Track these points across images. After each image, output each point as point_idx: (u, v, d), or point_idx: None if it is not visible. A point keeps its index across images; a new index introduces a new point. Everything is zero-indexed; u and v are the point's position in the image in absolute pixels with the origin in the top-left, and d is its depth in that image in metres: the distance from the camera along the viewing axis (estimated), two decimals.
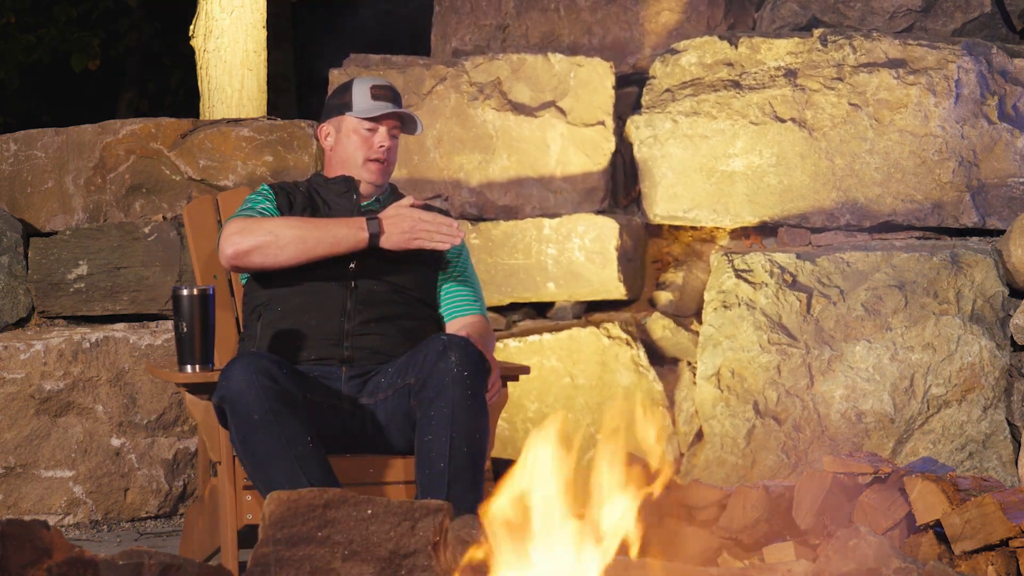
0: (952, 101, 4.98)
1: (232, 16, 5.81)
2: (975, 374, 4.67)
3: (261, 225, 3.64)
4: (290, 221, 3.66)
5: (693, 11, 5.42)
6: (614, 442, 2.86)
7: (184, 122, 5.09)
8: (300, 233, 3.62)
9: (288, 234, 3.62)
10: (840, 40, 5.03)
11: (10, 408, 4.67)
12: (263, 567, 2.61)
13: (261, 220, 3.67)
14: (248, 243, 3.62)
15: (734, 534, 3.70)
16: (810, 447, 4.67)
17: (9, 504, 4.67)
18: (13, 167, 5.06)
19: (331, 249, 3.63)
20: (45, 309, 4.92)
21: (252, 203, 3.78)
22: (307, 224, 3.65)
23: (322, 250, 3.63)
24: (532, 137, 5.04)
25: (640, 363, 4.92)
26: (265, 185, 3.86)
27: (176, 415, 4.77)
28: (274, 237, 3.61)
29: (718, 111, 5.04)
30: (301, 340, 3.68)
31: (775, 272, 4.74)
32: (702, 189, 5.03)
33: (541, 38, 5.46)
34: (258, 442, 3.39)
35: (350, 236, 3.62)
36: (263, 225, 3.64)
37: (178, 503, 4.79)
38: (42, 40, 9.25)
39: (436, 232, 3.61)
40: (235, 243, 3.63)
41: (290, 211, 3.78)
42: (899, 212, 4.99)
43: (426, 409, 3.45)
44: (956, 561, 3.40)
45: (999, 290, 4.73)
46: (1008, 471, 4.65)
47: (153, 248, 4.90)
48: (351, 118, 3.82)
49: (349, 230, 3.63)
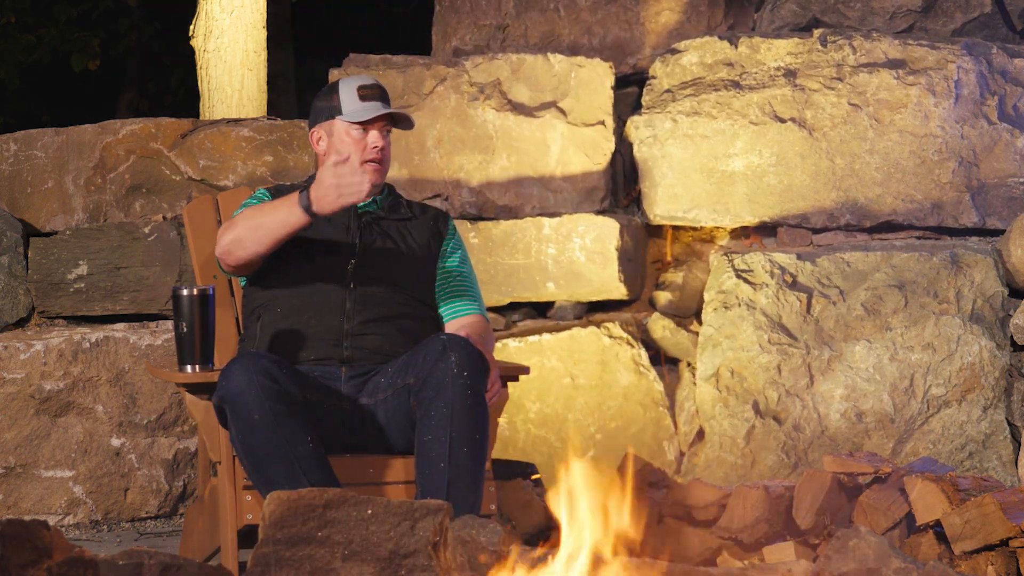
0: (952, 101, 4.98)
1: (232, 16, 5.81)
2: (975, 374, 4.67)
3: (232, 223, 3.68)
4: (245, 213, 3.68)
5: (693, 11, 5.42)
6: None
7: (184, 122, 5.09)
8: (251, 223, 3.63)
9: (245, 226, 3.63)
10: (840, 40, 5.03)
11: (10, 408, 4.67)
12: (263, 567, 2.61)
13: (234, 219, 3.68)
14: (224, 243, 3.67)
15: (734, 534, 3.70)
16: (810, 447, 4.67)
17: (9, 504, 4.67)
18: (13, 167, 5.06)
19: (280, 230, 3.59)
20: (45, 309, 4.92)
21: (245, 207, 3.78)
22: (256, 212, 3.65)
23: (274, 235, 3.60)
24: (532, 137, 5.04)
25: (640, 363, 4.92)
26: (262, 188, 3.86)
27: (176, 415, 4.77)
28: (236, 233, 3.64)
29: (718, 111, 5.04)
30: (301, 340, 3.68)
31: (775, 272, 4.74)
32: (702, 189, 5.03)
33: (541, 38, 5.46)
34: (258, 442, 3.39)
35: (290, 214, 3.58)
36: (233, 222, 3.68)
37: (178, 503, 4.79)
38: (42, 40, 9.25)
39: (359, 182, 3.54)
40: (220, 246, 3.69)
41: None
42: (899, 212, 4.99)
43: (426, 409, 3.45)
44: (956, 561, 3.40)
45: (999, 290, 4.73)
46: (1008, 471, 4.65)
47: (153, 248, 4.90)
48: (341, 122, 3.79)
49: (287, 209, 3.59)
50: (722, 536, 3.73)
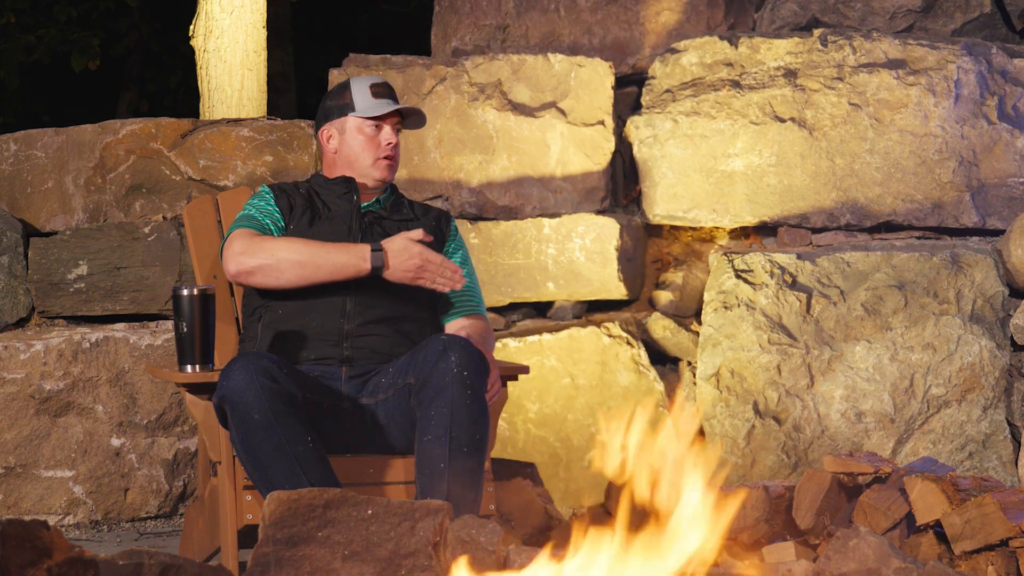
0: (952, 101, 4.98)
1: (232, 16, 5.81)
2: (975, 374, 4.67)
3: (263, 246, 3.64)
4: (292, 245, 3.65)
5: (693, 11, 5.42)
6: None
7: (184, 122, 5.09)
8: (301, 259, 3.61)
9: (289, 259, 3.61)
10: (840, 40, 5.03)
11: (10, 408, 4.67)
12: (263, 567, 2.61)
13: (264, 240, 3.65)
14: (250, 264, 3.63)
15: (734, 534, 3.70)
16: (810, 447, 4.67)
17: (9, 504, 4.67)
18: (13, 167, 5.06)
19: (331, 276, 3.63)
20: (45, 309, 4.92)
21: (254, 208, 3.77)
22: (309, 248, 3.64)
23: (322, 276, 3.63)
24: (532, 137, 5.04)
25: (640, 363, 4.92)
26: (265, 186, 3.86)
27: (176, 415, 4.77)
28: (275, 261, 3.61)
29: (718, 111, 5.04)
30: (301, 341, 3.68)
31: (775, 272, 4.74)
32: (702, 189, 5.03)
33: (541, 38, 5.46)
34: (258, 442, 3.39)
35: (351, 266, 3.62)
36: (265, 246, 3.64)
37: (178, 503, 4.79)
38: (42, 40, 9.26)
39: (439, 276, 3.61)
40: (239, 263, 3.64)
41: (290, 213, 3.77)
42: (899, 212, 4.99)
43: (426, 409, 3.45)
44: (956, 561, 3.40)
45: (999, 290, 4.73)
46: (1008, 471, 4.65)
47: (153, 248, 4.90)
48: (354, 118, 3.81)
49: (351, 259, 3.62)
50: None
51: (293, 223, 3.76)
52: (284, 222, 3.76)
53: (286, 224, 3.76)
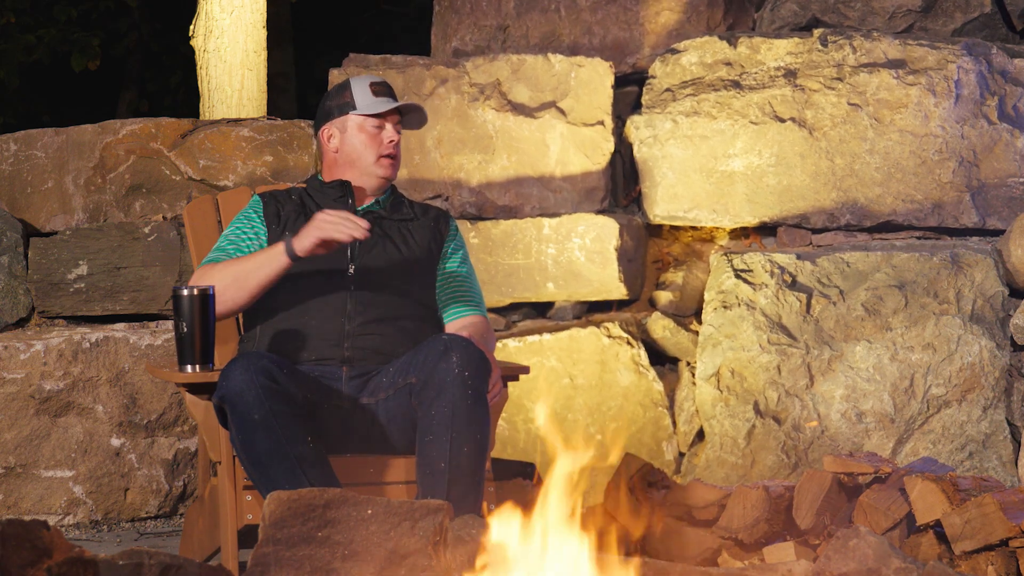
0: (952, 101, 4.98)
1: (232, 16, 5.81)
2: (975, 374, 4.67)
3: (200, 280, 3.66)
4: (218, 271, 3.66)
5: (693, 11, 5.42)
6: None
7: (184, 122, 5.09)
8: (227, 280, 3.63)
9: (223, 283, 3.63)
10: (840, 40, 5.03)
11: (10, 408, 4.67)
12: (263, 567, 2.61)
13: (202, 274, 3.68)
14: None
15: (734, 534, 3.70)
16: (810, 447, 4.67)
17: (9, 504, 4.67)
18: (13, 167, 5.06)
19: (266, 277, 3.63)
20: (45, 309, 4.92)
21: (228, 236, 3.78)
22: (234, 266, 3.66)
23: (256, 281, 3.64)
24: (532, 137, 5.04)
25: (640, 363, 4.92)
26: (256, 196, 3.86)
27: (176, 415, 4.77)
28: (220, 288, 3.62)
29: (718, 111, 5.04)
30: (301, 341, 3.68)
31: (775, 272, 4.75)
32: (702, 189, 5.04)
33: (541, 38, 5.46)
34: (258, 442, 3.39)
35: (271, 257, 3.64)
36: (203, 280, 3.65)
37: (178, 503, 4.79)
38: (42, 40, 9.26)
39: (340, 225, 3.57)
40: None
41: (278, 222, 3.77)
42: (899, 212, 4.99)
43: (427, 409, 3.45)
44: (956, 561, 3.40)
45: (999, 290, 4.73)
46: (1008, 471, 4.65)
47: (153, 248, 4.90)
48: (356, 116, 3.81)
49: (270, 252, 3.65)
50: (722, 536, 3.73)
51: (285, 231, 3.74)
52: (268, 235, 3.76)
53: (272, 235, 3.76)
